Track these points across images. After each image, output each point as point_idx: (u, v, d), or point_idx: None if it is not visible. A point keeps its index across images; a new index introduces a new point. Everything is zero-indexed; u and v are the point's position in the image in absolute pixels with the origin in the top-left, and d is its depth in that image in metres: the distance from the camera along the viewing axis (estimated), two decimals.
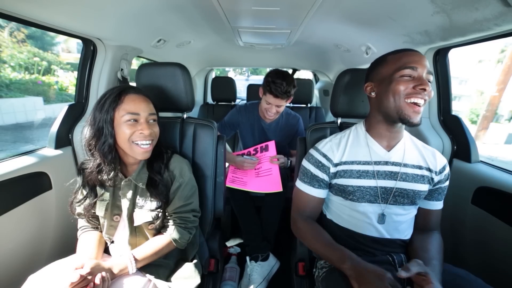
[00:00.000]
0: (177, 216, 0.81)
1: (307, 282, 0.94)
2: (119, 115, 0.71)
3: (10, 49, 6.53)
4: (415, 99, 0.66)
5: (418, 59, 0.67)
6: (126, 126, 0.71)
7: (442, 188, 0.79)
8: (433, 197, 0.79)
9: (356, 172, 0.77)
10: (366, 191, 0.76)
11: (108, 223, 0.78)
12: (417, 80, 0.66)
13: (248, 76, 13.62)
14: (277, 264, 1.42)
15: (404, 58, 0.68)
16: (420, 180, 0.76)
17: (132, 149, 0.73)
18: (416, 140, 0.82)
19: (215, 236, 1.08)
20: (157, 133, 0.78)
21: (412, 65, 0.66)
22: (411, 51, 0.69)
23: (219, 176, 1.03)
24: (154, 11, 1.09)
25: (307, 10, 1.02)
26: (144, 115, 0.73)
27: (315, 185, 0.81)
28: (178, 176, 0.82)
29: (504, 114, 10.54)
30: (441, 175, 0.77)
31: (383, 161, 0.77)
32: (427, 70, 0.67)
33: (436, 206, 0.80)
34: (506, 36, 0.80)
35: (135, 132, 0.72)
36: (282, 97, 1.27)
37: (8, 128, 4.85)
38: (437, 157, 0.78)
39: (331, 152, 0.80)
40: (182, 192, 0.82)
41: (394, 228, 0.77)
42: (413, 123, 0.68)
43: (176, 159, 0.84)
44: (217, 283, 1.05)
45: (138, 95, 0.75)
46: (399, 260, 0.75)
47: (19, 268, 0.89)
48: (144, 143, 0.73)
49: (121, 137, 0.72)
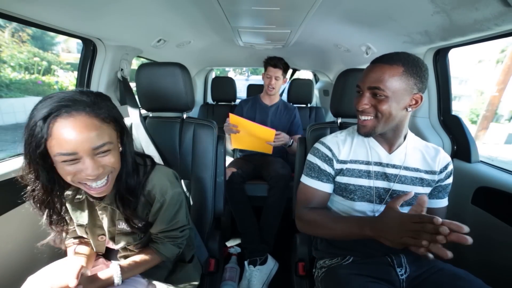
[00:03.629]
0: (163, 235, 0.72)
1: (307, 282, 0.93)
2: (52, 152, 0.49)
3: (10, 49, 6.54)
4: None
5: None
6: (62, 166, 0.51)
7: (443, 186, 0.78)
8: (433, 195, 0.79)
9: (358, 171, 0.78)
10: (366, 191, 0.77)
11: (95, 243, 0.72)
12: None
13: (248, 76, 13.63)
14: (276, 266, 1.42)
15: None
16: (419, 183, 0.76)
17: (85, 188, 0.56)
18: (419, 141, 0.81)
19: (215, 236, 1.08)
20: (114, 163, 0.56)
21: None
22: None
23: (219, 176, 1.03)
24: (154, 11, 1.09)
25: (307, 10, 1.02)
26: (85, 151, 0.50)
27: (323, 179, 0.80)
28: (159, 196, 0.67)
29: (504, 114, 10.54)
30: (442, 174, 0.77)
31: (384, 162, 0.77)
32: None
33: (437, 204, 0.79)
34: (506, 36, 0.80)
35: (77, 173, 0.52)
36: (279, 67, 1.59)
37: (8, 128, 4.85)
38: (440, 156, 0.77)
39: (337, 147, 0.80)
40: (165, 214, 0.69)
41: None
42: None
43: (155, 174, 0.68)
44: (217, 283, 1.05)
45: (75, 118, 0.49)
46: (398, 261, 0.75)
47: (18, 269, 0.89)
48: (94, 184, 0.55)
49: (63, 175, 0.53)
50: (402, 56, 0.67)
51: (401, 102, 0.68)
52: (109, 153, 0.54)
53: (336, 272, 0.76)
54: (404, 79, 0.66)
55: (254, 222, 1.44)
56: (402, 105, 0.68)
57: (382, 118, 0.69)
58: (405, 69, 0.66)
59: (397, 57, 0.67)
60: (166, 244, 0.72)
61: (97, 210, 0.67)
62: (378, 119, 0.70)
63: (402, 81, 0.66)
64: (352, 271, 0.73)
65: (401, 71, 0.66)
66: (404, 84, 0.66)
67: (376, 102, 0.69)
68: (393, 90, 0.66)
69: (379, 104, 0.68)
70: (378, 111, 0.69)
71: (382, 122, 0.70)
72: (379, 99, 0.68)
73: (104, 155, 0.54)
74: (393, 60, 0.67)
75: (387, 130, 0.73)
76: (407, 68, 0.66)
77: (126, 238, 0.69)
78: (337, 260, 0.80)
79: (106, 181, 0.57)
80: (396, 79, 0.66)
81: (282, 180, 1.43)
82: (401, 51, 0.70)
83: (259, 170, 1.61)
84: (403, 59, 0.67)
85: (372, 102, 0.69)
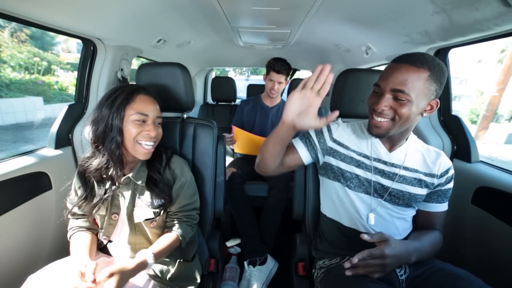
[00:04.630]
0: (182, 214, 0.83)
1: (307, 282, 0.94)
2: (129, 114, 0.72)
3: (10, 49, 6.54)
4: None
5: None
6: (133, 125, 0.72)
7: (442, 191, 0.77)
8: (433, 199, 0.78)
9: (355, 161, 0.79)
10: (363, 182, 0.78)
11: (107, 222, 0.78)
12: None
13: (248, 76, 13.64)
14: (276, 266, 1.42)
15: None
16: (417, 184, 0.76)
17: (135, 148, 0.74)
18: (421, 143, 0.81)
19: (215, 236, 1.08)
20: (161, 135, 0.79)
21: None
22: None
23: (219, 176, 1.03)
24: (154, 11, 1.09)
25: (307, 10, 1.02)
26: (152, 116, 0.75)
27: (304, 140, 0.84)
28: (180, 175, 0.83)
29: (504, 114, 10.55)
30: (442, 178, 0.76)
31: (382, 159, 0.78)
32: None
33: (436, 208, 0.79)
34: (506, 36, 0.80)
35: (142, 132, 0.73)
36: (282, 72, 1.57)
37: (8, 128, 4.85)
38: (441, 160, 0.76)
39: (336, 127, 0.83)
40: (186, 191, 0.84)
41: (386, 227, 0.77)
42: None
43: (176, 159, 0.86)
44: (217, 283, 1.05)
45: (149, 96, 0.76)
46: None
47: (18, 268, 0.89)
48: (148, 144, 0.74)
49: (127, 136, 0.72)
50: (429, 60, 0.64)
51: (419, 107, 0.66)
52: (159, 126, 0.79)
53: (335, 272, 0.76)
54: (427, 84, 0.63)
55: (254, 222, 1.44)
56: (419, 110, 0.67)
57: (399, 122, 0.67)
58: (430, 73, 0.63)
59: (424, 60, 0.64)
60: (182, 224, 0.81)
61: (118, 187, 0.77)
62: (395, 122, 0.68)
63: (426, 86, 0.64)
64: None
65: (426, 75, 0.63)
66: (426, 90, 0.64)
67: (396, 105, 0.66)
68: (416, 95, 0.64)
69: (400, 107, 0.65)
70: (397, 114, 0.66)
71: (397, 125, 0.68)
72: (401, 103, 0.65)
73: (158, 126, 0.78)
74: (421, 62, 0.63)
75: (398, 132, 0.71)
76: (433, 73, 0.63)
77: (145, 213, 0.77)
78: (336, 260, 0.80)
79: (152, 146, 0.76)
80: (420, 84, 0.63)
81: (282, 180, 1.43)
82: (426, 53, 0.68)
83: None
84: (430, 62, 0.63)
85: (392, 104, 0.66)
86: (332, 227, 0.84)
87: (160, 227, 0.82)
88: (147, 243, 0.80)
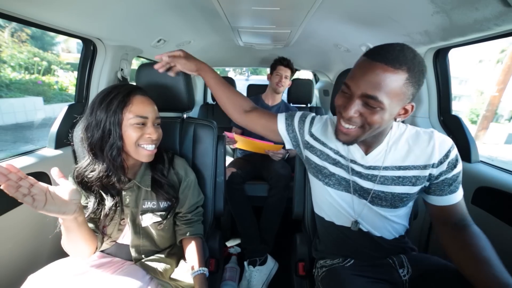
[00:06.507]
0: (193, 214, 0.85)
1: (307, 282, 0.93)
2: (127, 118, 0.68)
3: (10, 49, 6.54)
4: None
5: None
6: (133, 129, 0.69)
7: (450, 179, 0.65)
8: (444, 191, 0.66)
9: (332, 159, 0.75)
10: (341, 181, 0.74)
11: (117, 227, 0.76)
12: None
13: (248, 76, 13.65)
14: (276, 266, 1.42)
15: None
16: (401, 183, 0.68)
17: (137, 152, 0.71)
18: (408, 132, 0.69)
19: (215, 236, 1.08)
20: (161, 135, 0.77)
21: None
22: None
23: (219, 176, 1.03)
24: (154, 11, 1.09)
25: (307, 10, 1.02)
26: (152, 118, 0.72)
27: (288, 125, 0.82)
28: (185, 176, 0.84)
29: (504, 114, 10.55)
30: (443, 165, 0.64)
31: (358, 162, 0.71)
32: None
33: (451, 200, 0.66)
34: (506, 36, 0.80)
35: (143, 135, 0.70)
36: (290, 67, 1.70)
37: (8, 128, 4.86)
38: (434, 144, 0.65)
39: (319, 120, 0.81)
40: (194, 190, 0.85)
41: (376, 227, 0.75)
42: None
43: (178, 160, 0.86)
44: (217, 283, 1.05)
45: (146, 97, 0.73)
46: (399, 261, 0.74)
47: (19, 268, 0.89)
48: (150, 147, 0.72)
49: (128, 140, 0.69)
50: (408, 58, 0.53)
51: (393, 113, 0.58)
52: (159, 127, 0.76)
53: (337, 272, 0.75)
54: (404, 88, 0.54)
55: (254, 222, 1.44)
56: (392, 116, 0.59)
57: (369, 130, 0.60)
58: (409, 75, 0.53)
59: (404, 59, 0.53)
60: (194, 224, 0.84)
61: (123, 193, 0.75)
62: (364, 129, 0.60)
63: (402, 91, 0.54)
64: (354, 272, 0.73)
65: (405, 78, 0.53)
66: (402, 95, 0.55)
67: (367, 112, 0.57)
68: (390, 101, 0.55)
69: (371, 115, 0.57)
70: (366, 122, 0.58)
71: (367, 133, 0.61)
72: (372, 110, 0.56)
73: (157, 126, 0.75)
74: (399, 62, 0.53)
75: (369, 137, 0.65)
76: (412, 75, 0.54)
77: (151, 217, 0.77)
78: (338, 260, 0.80)
79: (155, 147, 0.74)
80: (396, 88, 0.54)
81: (282, 180, 1.43)
82: (405, 46, 0.56)
83: (259, 170, 1.61)
84: (410, 61, 0.53)
85: (362, 110, 0.57)
86: (326, 227, 0.83)
87: (167, 229, 0.81)
88: (151, 246, 0.79)
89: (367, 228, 0.75)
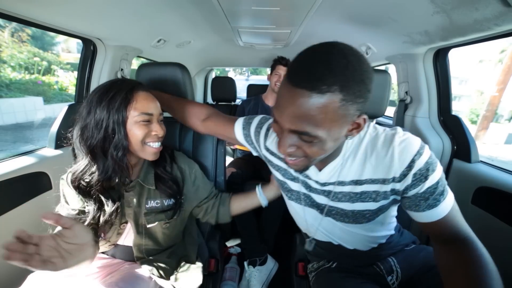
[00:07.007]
0: (215, 198, 0.89)
1: (307, 282, 0.93)
2: (132, 115, 0.64)
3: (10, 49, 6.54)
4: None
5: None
6: (138, 127, 0.65)
7: (425, 192, 0.52)
8: (421, 206, 0.54)
9: (289, 173, 0.71)
10: (301, 196, 0.70)
11: (116, 232, 0.74)
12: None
13: (248, 76, 13.64)
14: (276, 266, 1.42)
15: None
16: (360, 199, 0.60)
17: (144, 150, 0.68)
18: (369, 140, 0.58)
19: (215, 236, 1.08)
20: (165, 132, 0.74)
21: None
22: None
23: (219, 176, 1.03)
24: (154, 11, 1.09)
25: (307, 10, 1.02)
26: (156, 115, 0.69)
27: (244, 127, 0.78)
28: (189, 169, 0.84)
29: (504, 114, 10.55)
30: (407, 178, 0.52)
31: (313, 179, 0.65)
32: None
33: (430, 216, 0.54)
34: (506, 36, 0.80)
35: (149, 133, 0.68)
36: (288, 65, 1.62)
37: (8, 128, 4.86)
38: (395, 156, 0.53)
39: (272, 133, 0.72)
40: (203, 180, 0.88)
41: (350, 241, 0.71)
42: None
43: (178, 154, 0.86)
44: (217, 283, 1.05)
45: (148, 93, 0.70)
46: (388, 267, 0.71)
47: (19, 267, 0.89)
48: (156, 144, 0.70)
49: (133, 139, 0.66)
50: (337, 70, 0.41)
51: (338, 137, 0.49)
52: (163, 124, 0.73)
53: (327, 275, 0.74)
54: (342, 110, 0.43)
55: (253, 223, 1.44)
56: (339, 140, 0.50)
57: (316, 159, 0.52)
58: (344, 94, 0.42)
59: (332, 75, 0.41)
60: (215, 209, 0.89)
61: (124, 194, 0.72)
62: (310, 159, 0.51)
63: (339, 114, 0.43)
64: (343, 274, 0.72)
65: (338, 100, 0.42)
66: (342, 117, 0.44)
67: (304, 145, 0.48)
68: (327, 130, 0.45)
69: (309, 148, 0.48)
70: (307, 154, 0.50)
71: (315, 161, 0.53)
72: (309, 144, 0.48)
73: (161, 123, 0.72)
74: (326, 83, 0.41)
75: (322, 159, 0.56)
76: (347, 92, 0.42)
77: (157, 216, 0.75)
78: (323, 262, 0.79)
79: (160, 145, 0.72)
80: (331, 114, 0.43)
81: None
82: (333, 54, 0.44)
83: (259, 170, 1.60)
84: (340, 75, 0.41)
85: (298, 144, 0.49)
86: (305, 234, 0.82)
87: (173, 228, 0.80)
88: (154, 245, 0.78)
89: (337, 242, 0.72)
